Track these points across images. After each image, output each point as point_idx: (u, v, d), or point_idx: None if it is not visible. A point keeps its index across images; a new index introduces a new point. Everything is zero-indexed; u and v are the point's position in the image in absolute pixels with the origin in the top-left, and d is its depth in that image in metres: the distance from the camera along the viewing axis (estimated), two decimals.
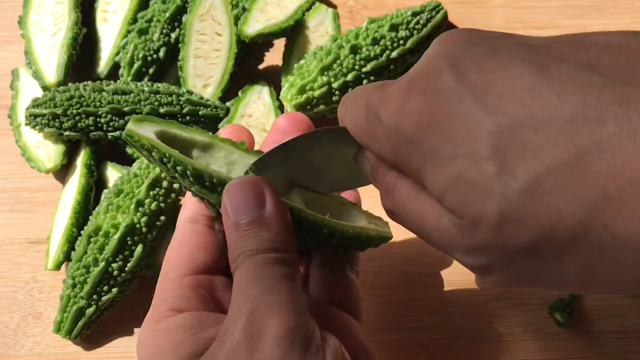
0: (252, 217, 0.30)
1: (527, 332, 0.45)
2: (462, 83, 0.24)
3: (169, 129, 0.33)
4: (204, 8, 0.50)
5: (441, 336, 0.45)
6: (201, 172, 0.31)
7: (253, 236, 0.29)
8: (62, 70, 0.49)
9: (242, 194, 0.30)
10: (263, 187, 0.30)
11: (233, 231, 0.30)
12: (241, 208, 0.30)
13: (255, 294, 0.28)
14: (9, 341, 0.45)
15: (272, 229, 0.30)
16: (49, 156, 0.48)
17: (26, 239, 0.48)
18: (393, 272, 0.47)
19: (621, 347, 0.44)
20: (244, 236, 0.30)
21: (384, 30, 0.48)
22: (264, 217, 0.30)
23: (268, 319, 0.27)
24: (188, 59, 0.50)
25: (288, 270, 0.29)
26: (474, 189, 0.23)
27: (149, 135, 0.32)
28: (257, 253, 0.29)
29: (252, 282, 0.28)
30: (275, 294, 0.28)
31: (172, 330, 0.31)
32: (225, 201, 0.30)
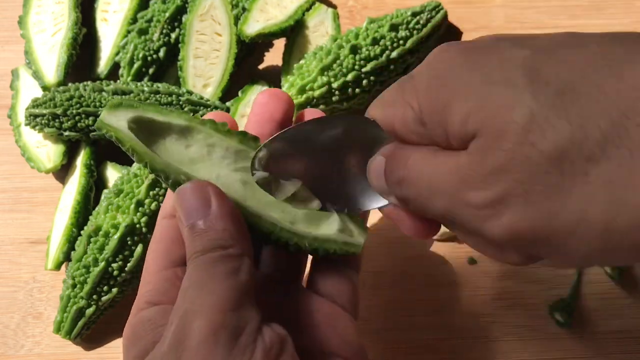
0: (200, 219, 0.31)
1: (527, 332, 0.45)
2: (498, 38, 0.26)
3: (145, 114, 0.33)
4: (204, 8, 0.50)
5: (441, 336, 0.45)
6: (158, 169, 0.32)
7: (201, 237, 0.30)
8: (62, 70, 0.49)
9: (188, 198, 0.31)
10: (208, 189, 0.31)
11: (186, 233, 0.31)
12: (189, 211, 0.31)
13: (190, 297, 0.29)
14: (9, 341, 0.45)
15: (218, 227, 0.30)
16: (49, 156, 0.48)
17: (26, 239, 0.48)
18: (393, 272, 0.47)
19: (621, 347, 0.44)
20: (193, 238, 0.31)
21: (384, 30, 0.48)
22: (209, 218, 0.31)
23: (196, 319, 0.27)
24: (188, 59, 0.50)
25: (232, 265, 0.30)
26: (503, 100, 0.23)
27: (119, 124, 0.32)
28: (202, 254, 0.30)
29: (192, 285, 0.29)
30: (209, 292, 0.28)
31: (139, 324, 0.32)
32: (176, 206, 0.31)
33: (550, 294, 0.45)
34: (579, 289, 0.46)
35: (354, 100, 0.49)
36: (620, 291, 0.46)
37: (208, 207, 0.31)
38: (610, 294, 0.46)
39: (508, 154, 0.23)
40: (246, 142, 0.34)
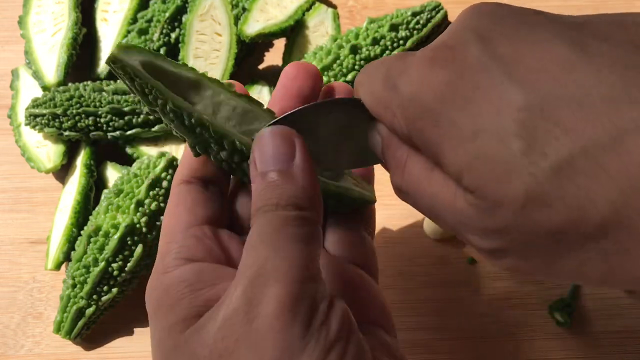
0: (280, 168, 0.28)
1: (527, 332, 0.45)
2: (490, 55, 0.22)
3: (156, 61, 0.31)
4: (204, 8, 0.50)
5: (441, 336, 0.45)
6: (181, 108, 0.30)
7: (277, 189, 0.27)
8: (62, 70, 0.49)
9: (273, 142, 0.28)
10: (294, 138, 0.29)
11: (259, 181, 0.28)
12: (270, 158, 0.28)
13: (263, 255, 0.26)
14: (9, 341, 0.45)
15: (298, 183, 0.28)
16: (49, 156, 0.48)
17: (26, 239, 0.48)
18: (393, 272, 0.47)
19: (621, 347, 0.44)
20: (267, 188, 0.28)
21: (384, 30, 0.48)
22: (291, 169, 0.28)
23: (271, 285, 0.25)
24: (188, 59, 0.50)
25: (306, 230, 0.27)
26: (497, 168, 0.22)
27: (133, 63, 0.30)
28: (277, 209, 0.27)
29: (264, 243, 0.26)
30: (285, 258, 0.26)
31: (173, 285, 0.29)
32: (254, 149, 0.29)
33: (550, 294, 0.45)
34: (579, 289, 0.46)
35: None
36: (620, 291, 0.46)
37: (292, 157, 0.28)
38: (610, 294, 0.46)
39: (505, 223, 0.22)
40: (252, 104, 0.33)
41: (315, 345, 0.25)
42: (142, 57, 0.31)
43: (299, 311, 0.25)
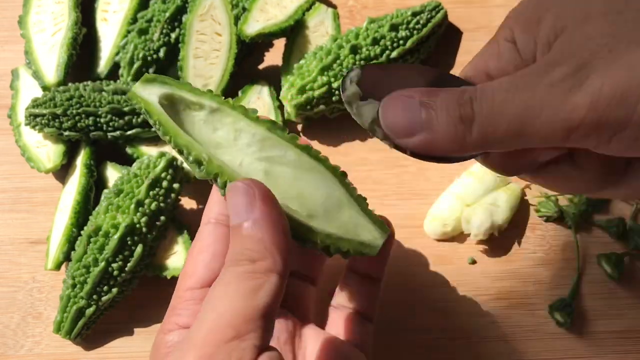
0: (239, 222, 0.29)
1: (527, 332, 0.45)
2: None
3: (177, 92, 0.33)
4: (204, 8, 0.50)
5: (441, 336, 0.45)
6: (181, 146, 0.32)
7: (239, 242, 0.29)
8: (62, 70, 0.49)
9: (236, 195, 0.30)
10: (254, 190, 0.29)
11: (231, 236, 0.30)
12: (236, 211, 0.30)
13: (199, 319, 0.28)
14: (9, 341, 0.45)
15: (255, 235, 0.29)
16: (49, 156, 0.48)
17: (26, 239, 0.48)
18: (393, 272, 0.47)
19: (621, 347, 0.44)
20: (233, 241, 0.29)
21: (384, 30, 0.48)
22: (249, 223, 0.29)
23: (190, 350, 0.27)
24: (188, 58, 0.49)
25: (253, 283, 0.28)
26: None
27: (151, 97, 0.33)
28: (232, 264, 0.29)
29: (207, 301, 0.28)
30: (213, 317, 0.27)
31: (164, 347, 0.31)
32: (226, 199, 0.30)
33: (550, 294, 0.45)
34: (579, 289, 0.46)
35: None
36: (620, 291, 0.46)
37: (252, 210, 0.29)
38: (610, 294, 0.46)
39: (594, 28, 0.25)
40: (274, 131, 0.33)
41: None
42: (163, 89, 0.33)
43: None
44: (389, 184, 0.49)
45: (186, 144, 0.32)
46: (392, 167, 0.49)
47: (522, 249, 0.47)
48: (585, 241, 0.47)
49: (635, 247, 0.46)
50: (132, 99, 0.33)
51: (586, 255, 0.46)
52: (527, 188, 0.48)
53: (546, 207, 0.47)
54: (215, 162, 0.32)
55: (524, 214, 0.47)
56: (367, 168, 0.49)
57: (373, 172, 0.49)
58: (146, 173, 0.43)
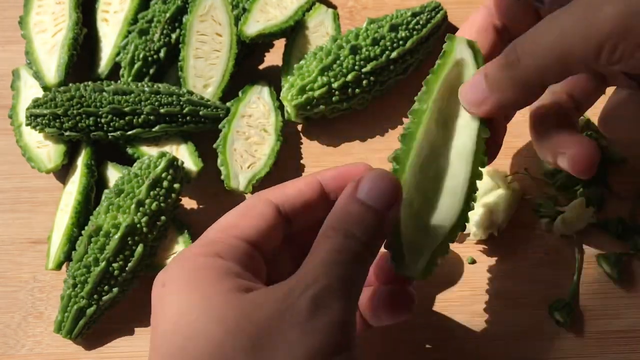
0: (377, 208, 0.31)
1: (527, 332, 0.45)
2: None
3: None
4: (204, 8, 0.50)
5: (441, 336, 0.45)
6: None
7: (364, 223, 0.31)
8: (63, 70, 0.49)
9: (385, 183, 0.32)
10: (399, 192, 0.32)
11: (354, 201, 0.31)
12: (377, 194, 0.31)
13: (336, 274, 0.29)
14: (10, 341, 0.45)
15: (380, 230, 0.31)
16: (50, 156, 0.48)
17: (27, 238, 0.48)
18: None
19: (621, 347, 0.44)
20: (357, 216, 0.31)
21: (383, 30, 0.48)
22: (386, 215, 0.31)
23: (334, 303, 0.28)
24: (188, 59, 0.50)
25: (363, 270, 0.31)
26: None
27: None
28: (355, 241, 0.30)
29: (338, 264, 0.29)
30: (350, 287, 0.29)
31: (217, 266, 0.31)
32: (365, 178, 0.32)
33: (550, 294, 0.45)
34: (579, 289, 0.46)
35: (354, 101, 0.49)
36: (620, 291, 0.46)
37: (390, 205, 0.32)
38: (610, 294, 0.46)
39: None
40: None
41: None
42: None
43: (345, 332, 0.29)
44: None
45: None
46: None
47: (522, 248, 0.47)
48: (584, 241, 0.47)
49: (634, 247, 0.46)
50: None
51: (586, 255, 0.46)
52: (527, 188, 0.48)
53: (545, 207, 0.47)
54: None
55: (524, 214, 0.47)
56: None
57: None
58: (147, 173, 0.44)
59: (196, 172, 0.47)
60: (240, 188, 0.47)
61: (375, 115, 0.51)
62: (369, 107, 0.50)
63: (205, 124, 0.48)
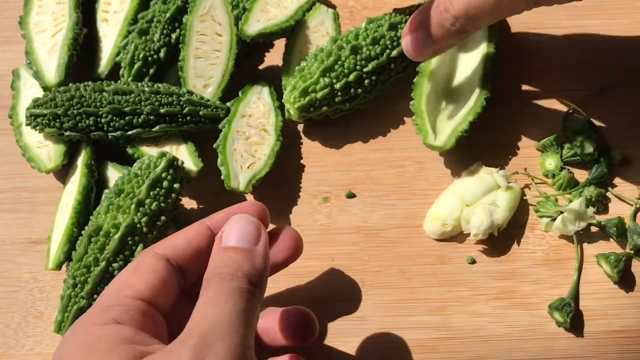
0: (242, 246, 0.33)
1: (526, 332, 0.45)
2: None
3: None
4: (204, 8, 0.50)
5: (441, 336, 0.45)
6: None
7: (235, 263, 0.32)
8: (63, 70, 0.49)
9: (241, 224, 0.34)
10: (261, 228, 0.34)
11: (222, 252, 0.33)
12: (237, 236, 0.33)
13: (214, 317, 0.29)
14: (10, 341, 0.45)
15: (255, 263, 0.33)
16: (50, 156, 0.48)
17: (27, 238, 0.48)
18: (393, 272, 0.47)
19: (621, 347, 0.44)
20: (228, 259, 0.32)
21: (383, 29, 0.48)
22: (254, 250, 0.33)
23: (218, 344, 0.28)
24: (188, 59, 0.50)
25: (252, 305, 0.31)
26: None
27: None
28: (232, 279, 0.31)
29: (215, 306, 0.30)
30: (232, 322, 0.29)
31: (109, 335, 0.31)
32: (226, 225, 0.34)
33: (549, 294, 0.45)
34: (579, 289, 0.46)
35: (356, 101, 0.49)
36: (620, 291, 0.46)
37: (256, 241, 0.34)
38: (610, 294, 0.46)
39: None
40: None
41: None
42: None
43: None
44: (388, 184, 0.49)
45: None
46: (391, 167, 0.49)
47: (522, 248, 0.47)
48: (584, 241, 0.47)
49: (634, 247, 0.46)
50: None
51: (585, 255, 0.46)
52: (527, 188, 0.48)
53: (545, 207, 0.47)
54: None
55: (524, 213, 0.48)
56: (367, 168, 0.49)
57: (373, 172, 0.49)
58: (147, 173, 0.44)
59: (196, 172, 0.47)
60: (240, 188, 0.47)
61: (376, 114, 0.51)
62: (370, 106, 0.50)
63: (205, 124, 0.48)
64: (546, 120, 0.50)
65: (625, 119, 0.49)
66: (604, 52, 0.51)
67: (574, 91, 0.50)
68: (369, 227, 0.48)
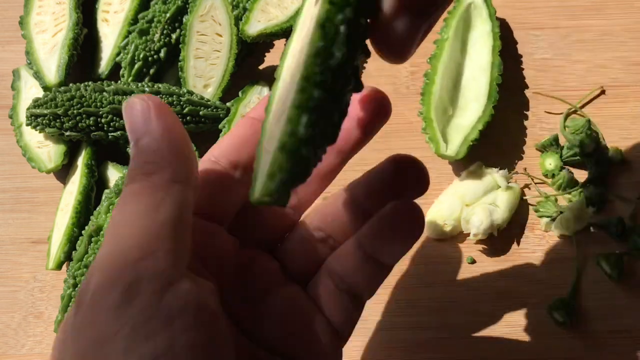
0: (136, 138, 0.27)
1: (527, 332, 0.45)
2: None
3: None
4: (205, 8, 0.50)
5: (441, 336, 0.45)
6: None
7: (134, 159, 0.27)
8: (63, 70, 0.49)
9: (131, 113, 0.28)
10: (150, 102, 0.28)
11: (130, 153, 0.28)
12: (133, 128, 0.28)
13: (103, 242, 0.25)
14: (10, 341, 0.45)
15: (150, 147, 0.27)
16: (50, 156, 0.48)
17: (27, 238, 0.48)
18: (393, 272, 0.47)
19: (621, 347, 0.44)
20: (131, 160, 0.27)
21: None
22: (146, 137, 0.27)
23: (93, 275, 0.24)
24: (188, 59, 0.50)
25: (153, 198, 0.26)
26: None
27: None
28: (128, 182, 0.26)
29: (109, 226, 0.26)
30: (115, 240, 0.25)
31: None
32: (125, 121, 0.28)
33: (550, 294, 0.45)
34: (579, 289, 0.46)
35: None
36: (619, 291, 0.46)
37: (148, 123, 0.27)
38: (610, 293, 0.46)
39: None
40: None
41: (129, 333, 0.23)
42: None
43: (110, 297, 0.23)
44: None
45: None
46: None
47: (522, 248, 0.47)
48: (584, 241, 0.47)
49: (634, 247, 0.46)
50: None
51: (585, 255, 0.46)
52: (527, 188, 0.48)
53: (545, 207, 0.47)
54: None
55: (524, 213, 0.48)
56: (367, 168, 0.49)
57: None
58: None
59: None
60: None
61: None
62: None
63: (205, 124, 0.48)
64: (546, 120, 0.50)
65: (625, 119, 0.49)
66: (604, 52, 0.51)
67: (574, 91, 0.50)
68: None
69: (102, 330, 0.23)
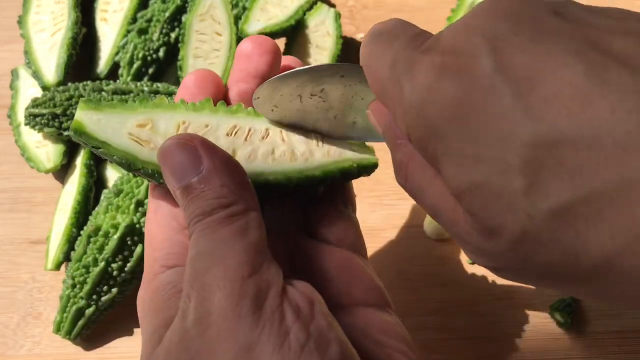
0: (192, 179, 0.27)
1: (527, 332, 0.45)
2: (501, 74, 0.21)
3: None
4: (204, 8, 0.50)
5: (441, 336, 0.45)
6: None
7: (198, 199, 0.27)
8: (62, 70, 0.49)
9: (175, 155, 0.28)
10: (195, 141, 0.28)
11: (181, 198, 0.28)
12: (179, 171, 0.28)
13: (203, 268, 0.26)
14: (9, 341, 0.45)
15: (215, 184, 0.27)
16: (49, 156, 0.48)
17: (26, 238, 0.48)
18: (393, 272, 0.47)
19: (621, 347, 0.44)
20: (190, 201, 0.27)
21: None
22: (202, 175, 0.27)
23: (215, 293, 0.25)
24: (188, 58, 0.49)
25: (239, 224, 0.27)
26: (497, 201, 0.21)
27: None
28: (205, 216, 0.27)
29: (201, 255, 0.27)
30: (221, 263, 0.26)
31: (159, 288, 0.30)
32: (163, 167, 0.28)
33: (550, 294, 0.45)
34: None
35: None
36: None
37: (200, 162, 0.27)
38: None
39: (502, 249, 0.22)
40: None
41: (269, 333, 0.25)
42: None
43: (244, 307, 0.25)
44: (388, 184, 0.49)
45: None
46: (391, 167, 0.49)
47: None
48: None
49: None
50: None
51: None
52: None
53: None
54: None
55: None
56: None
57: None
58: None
59: None
60: None
61: None
62: None
63: None
64: None
65: None
66: None
67: None
68: (369, 227, 0.47)
69: (246, 335, 0.25)
